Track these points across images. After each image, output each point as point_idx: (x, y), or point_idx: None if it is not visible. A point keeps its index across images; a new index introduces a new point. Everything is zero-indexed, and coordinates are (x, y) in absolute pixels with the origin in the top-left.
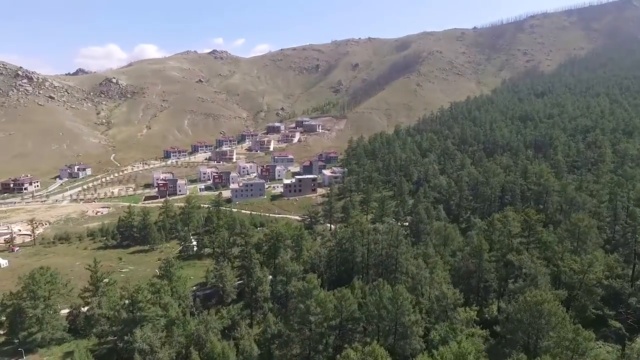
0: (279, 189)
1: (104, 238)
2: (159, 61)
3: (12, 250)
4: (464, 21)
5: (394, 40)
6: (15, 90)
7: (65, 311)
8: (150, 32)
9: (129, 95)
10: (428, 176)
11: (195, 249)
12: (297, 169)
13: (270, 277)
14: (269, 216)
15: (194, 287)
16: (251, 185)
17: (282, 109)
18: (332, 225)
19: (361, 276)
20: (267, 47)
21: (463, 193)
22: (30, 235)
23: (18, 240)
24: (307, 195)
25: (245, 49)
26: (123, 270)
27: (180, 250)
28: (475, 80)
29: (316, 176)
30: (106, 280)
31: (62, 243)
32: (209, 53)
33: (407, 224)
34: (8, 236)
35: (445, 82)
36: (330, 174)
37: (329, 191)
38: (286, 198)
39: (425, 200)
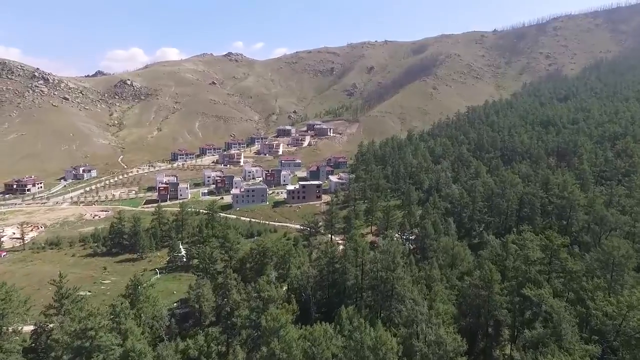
0: (282, 195)
1: (95, 244)
2: (174, 63)
3: None
4: (483, 24)
5: (411, 43)
6: (31, 92)
7: (30, 328)
8: (172, 36)
9: (142, 97)
10: (439, 185)
11: (184, 259)
12: (304, 174)
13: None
14: (268, 224)
15: (175, 304)
16: (253, 190)
17: (295, 112)
18: (332, 237)
19: (354, 301)
20: (285, 51)
21: (476, 205)
22: (21, 239)
23: (8, 245)
24: (311, 203)
25: (264, 53)
26: (105, 281)
27: (169, 260)
28: (494, 84)
29: (321, 182)
30: (83, 293)
31: (52, 248)
32: (224, 55)
33: (413, 237)
34: None
35: (463, 85)
36: (336, 180)
37: (334, 198)
38: (289, 205)
39: (434, 211)
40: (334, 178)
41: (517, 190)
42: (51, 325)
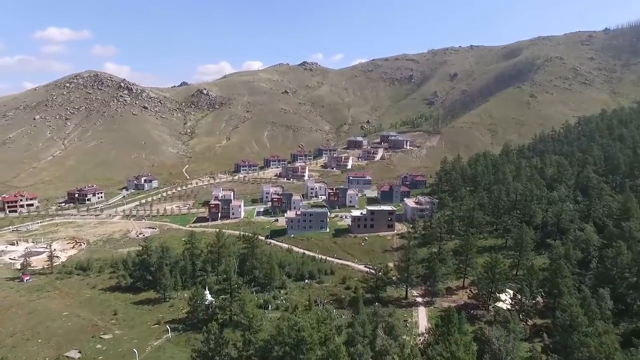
0: (346, 221)
1: (122, 274)
2: (251, 73)
3: (22, 280)
4: (588, 24)
5: (500, 48)
6: (115, 101)
7: None
8: (257, 49)
9: (216, 106)
10: (562, 221)
11: (210, 310)
12: (374, 194)
13: None
14: (325, 261)
15: None
16: (310, 214)
17: (368, 122)
18: (408, 290)
19: None
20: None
21: None
22: (50, 259)
23: (38, 266)
24: (381, 234)
25: (343, 64)
26: (105, 336)
27: (189, 311)
28: (608, 90)
29: (394, 209)
30: (72, 355)
31: (79, 274)
32: (299, 65)
33: (533, 301)
34: (22, 261)
35: (568, 92)
36: (414, 205)
37: (410, 230)
38: (353, 235)
39: (567, 270)
40: (410, 202)
41: None
42: None
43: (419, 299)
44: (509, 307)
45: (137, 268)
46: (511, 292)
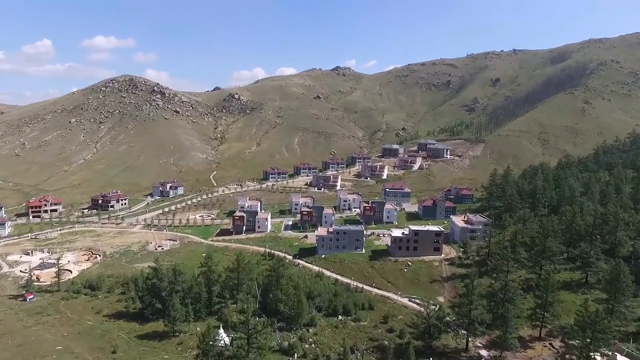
0: (385, 240)
1: (131, 297)
2: (283, 78)
3: (25, 299)
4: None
5: (547, 52)
6: (148, 105)
7: None
8: (291, 56)
9: (247, 111)
10: None
11: (226, 353)
12: (414, 208)
13: None
14: (361, 290)
15: None
16: (344, 233)
17: (404, 128)
18: (469, 340)
19: None
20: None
21: None
22: (57, 276)
23: (47, 281)
24: (426, 258)
25: (377, 71)
26: None
27: (199, 354)
28: None
29: (442, 229)
30: None
31: (86, 294)
32: (332, 70)
33: None
34: (27, 277)
35: (628, 99)
36: (463, 224)
37: (460, 255)
38: (393, 259)
39: None
40: (458, 220)
41: None
42: None
43: (484, 352)
44: None
45: (147, 293)
46: (609, 352)
